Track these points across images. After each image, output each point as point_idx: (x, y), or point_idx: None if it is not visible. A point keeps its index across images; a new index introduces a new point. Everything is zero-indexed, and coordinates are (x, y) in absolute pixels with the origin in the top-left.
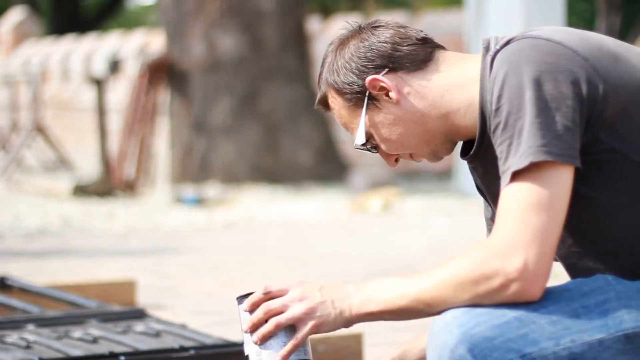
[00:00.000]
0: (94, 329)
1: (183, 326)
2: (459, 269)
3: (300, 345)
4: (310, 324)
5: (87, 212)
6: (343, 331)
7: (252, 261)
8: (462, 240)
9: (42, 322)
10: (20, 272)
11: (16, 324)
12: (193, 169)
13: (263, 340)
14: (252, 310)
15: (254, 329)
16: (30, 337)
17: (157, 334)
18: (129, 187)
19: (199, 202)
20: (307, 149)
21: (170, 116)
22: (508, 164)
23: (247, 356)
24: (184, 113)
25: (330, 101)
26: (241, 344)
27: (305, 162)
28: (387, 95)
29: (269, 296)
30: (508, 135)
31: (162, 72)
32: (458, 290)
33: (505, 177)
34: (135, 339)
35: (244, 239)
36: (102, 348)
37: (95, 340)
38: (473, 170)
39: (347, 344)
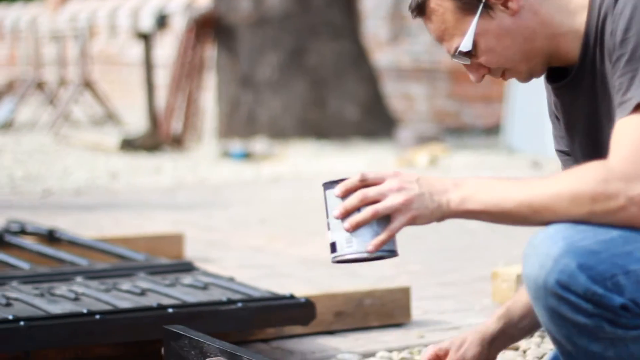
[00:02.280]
0: (142, 282)
1: (231, 279)
2: (578, 184)
3: (393, 237)
4: (407, 215)
5: (135, 167)
6: (390, 285)
7: (298, 215)
8: None
9: (91, 274)
10: (69, 225)
11: (65, 276)
12: (240, 124)
13: (355, 228)
14: (344, 196)
15: (345, 215)
16: (79, 289)
17: (205, 287)
18: (176, 142)
19: (246, 156)
20: (353, 104)
21: (217, 71)
22: (629, 95)
23: (333, 243)
24: (231, 68)
25: (433, 5)
26: (289, 297)
27: (352, 117)
28: (504, 5)
29: (364, 183)
30: (632, 67)
31: (209, 27)
32: (573, 204)
33: (625, 108)
34: (183, 291)
35: (291, 193)
36: (150, 300)
37: (143, 293)
38: (556, 96)
39: (394, 297)
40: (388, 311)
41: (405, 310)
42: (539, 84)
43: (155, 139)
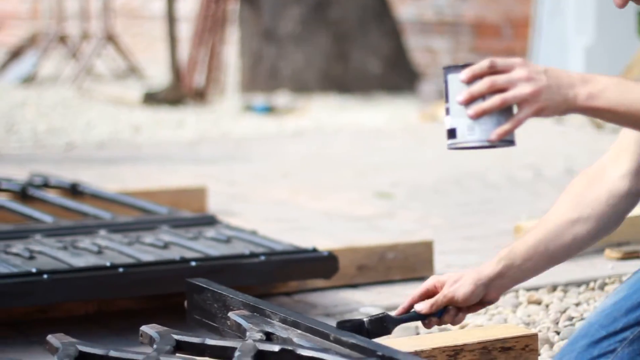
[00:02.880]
0: (165, 235)
1: (253, 232)
2: None
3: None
4: (534, 106)
5: (157, 120)
6: (413, 239)
7: (321, 169)
8: (531, 146)
9: (114, 227)
10: (92, 178)
11: (88, 230)
12: (262, 78)
13: (480, 115)
14: (470, 81)
15: (470, 101)
16: (102, 243)
17: (228, 240)
18: (199, 95)
19: (269, 110)
20: (376, 58)
21: (240, 24)
22: None
23: (453, 129)
24: (254, 21)
25: None
26: (312, 251)
27: (375, 71)
28: None
29: (493, 70)
30: None
31: None
32: None
33: None
34: (206, 244)
35: (313, 147)
36: (173, 253)
37: (166, 246)
38: None
39: (417, 251)
40: (411, 265)
41: (427, 264)
42: (563, 42)
43: (178, 93)
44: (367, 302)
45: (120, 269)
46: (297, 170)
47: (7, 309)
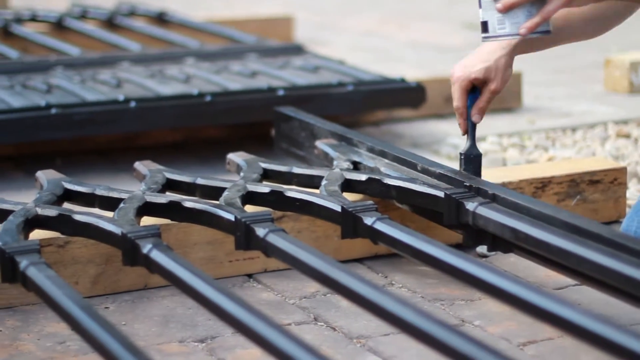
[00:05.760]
0: (253, 64)
1: (341, 62)
2: None
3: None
4: None
5: None
6: None
7: None
8: None
9: (201, 56)
10: (179, 7)
11: (175, 58)
12: None
13: (509, 9)
14: None
15: None
16: (190, 71)
17: (315, 69)
18: None
19: None
20: None
21: None
22: None
23: (485, 22)
24: None
25: None
26: (400, 81)
27: None
28: None
29: None
30: None
31: None
32: None
33: None
34: (293, 73)
35: None
36: (261, 82)
37: (253, 75)
38: None
39: None
40: (499, 96)
41: (516, 95)
42: None
43: None
44: (454, 133)
45: (208, 97)
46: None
47: (95, 136)
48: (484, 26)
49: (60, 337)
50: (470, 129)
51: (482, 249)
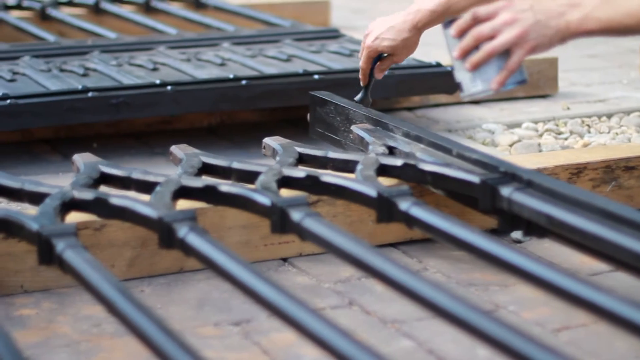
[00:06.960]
0: (288, 48)
1: None
2: None
3: (516, 70)
4: (526, 47)
5: None
6: (537, 56)
7: None
8: None
9: (237, 40)
10: None
11: (211, 42)
12: None
13: (476, 67)
14: (459, 36)
15: (464, 55)
16: (225, 55)
17: (351, 54)
18: None
19: None
20: None
21: None
22: None
23: (459, 83)
24: None
25: None
26: (436, 66)
27: None
28: None
29: (477, 20)
30: None
31: None
32: None
33: None
34: (329, 58)
35: None
36: (296, 66)
37: (289, 59)
38: None
39: (541, 68)
40: (534, 82)
41: (551, 81)
42: None
43: None
44: (490, 118)
45: (243, 82)
46: None
47: (131, 120)
48: (460, 86)
49: (96, 319)
50: (368, 84)
51: (517, 234)
